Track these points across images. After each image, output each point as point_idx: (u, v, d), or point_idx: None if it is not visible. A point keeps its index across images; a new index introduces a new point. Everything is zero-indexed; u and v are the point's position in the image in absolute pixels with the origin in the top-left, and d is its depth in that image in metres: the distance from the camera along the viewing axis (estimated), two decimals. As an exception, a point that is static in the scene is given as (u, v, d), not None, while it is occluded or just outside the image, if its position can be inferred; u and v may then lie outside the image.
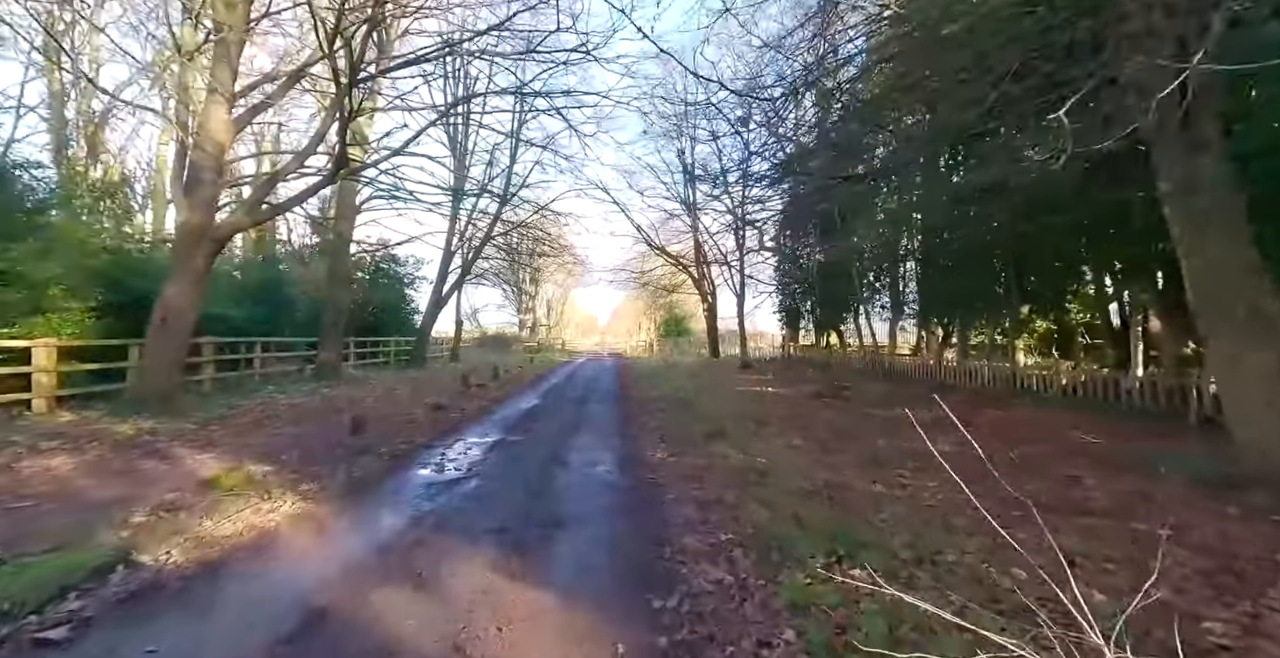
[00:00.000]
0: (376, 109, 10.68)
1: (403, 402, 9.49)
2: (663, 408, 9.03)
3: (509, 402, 10.13)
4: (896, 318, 13.27)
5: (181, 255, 6.91)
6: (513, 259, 23.26)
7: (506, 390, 11.99)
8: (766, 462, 5.05)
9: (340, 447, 5.78)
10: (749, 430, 6.73)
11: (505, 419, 8.04)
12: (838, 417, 7.61)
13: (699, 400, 9.73)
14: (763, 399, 9.84)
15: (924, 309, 11.47)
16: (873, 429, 6.72)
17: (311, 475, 4.59)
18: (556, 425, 7.51)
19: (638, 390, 11.99)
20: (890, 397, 9.35)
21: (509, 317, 40.68)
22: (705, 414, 8.08)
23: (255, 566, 2.88)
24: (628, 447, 6.12)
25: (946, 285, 10.54)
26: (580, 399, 10.52)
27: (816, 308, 16.45)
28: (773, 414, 7.93)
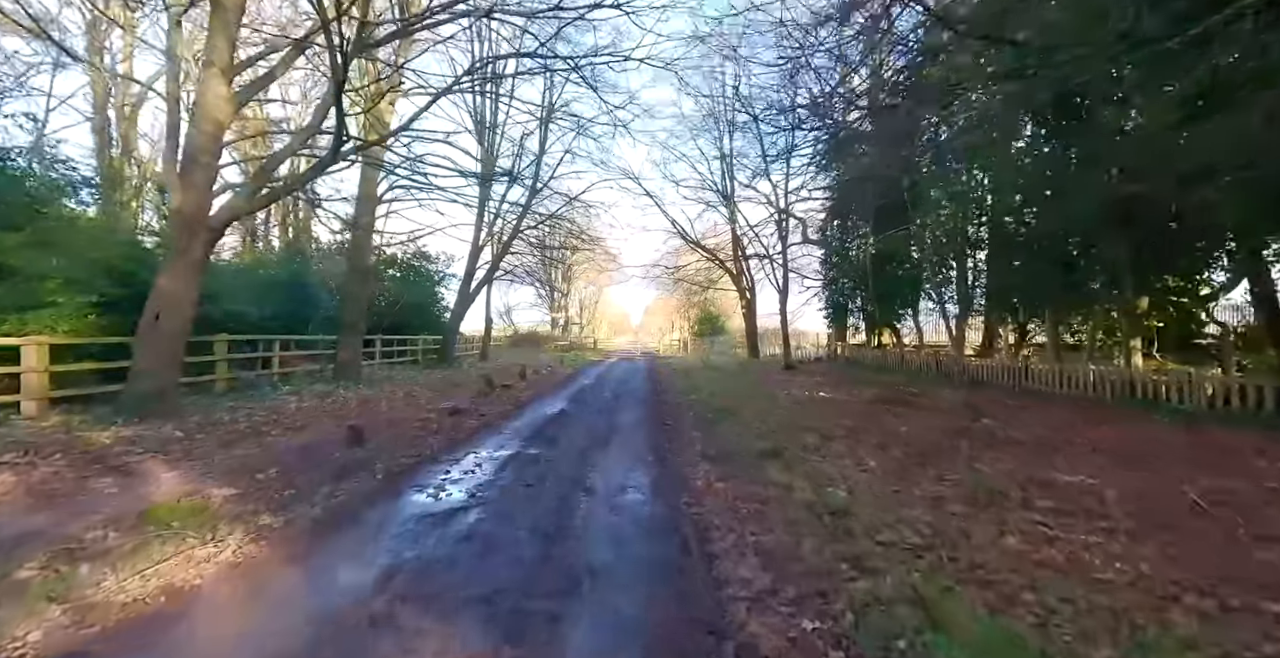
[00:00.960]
0: (394, 90, 10.01)
1: (420, 405, 8.78)
2: (703, 416, 8.00)
3: (533, 406, 9.30)
4: (965, 314, 11.79)
5: (176, 244, 6.31)
6: (543, 254, 22.59)
7: (532, 393, 11.19)
8: (842, 493, 3.97)
9: (333, 461, 5.01)
10: (809, 447, 5.62)
11: (527, 427, 7.18)
12: (912, 430, 6.41)
13: (743, 407, 8.64)
14: (816, 406, 8.67)
15: (999, 303, 10.01)
16: (963, 446, 5.50)
17: (281, 503, 3.79)
18: (583, 436, 6.58)
19: (673, 394, 10.98)
20: (968, 404, 8.03)
21: (541, 315, 40.33)
22: (753, 425, 7.00)
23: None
24: (664, 466, 5.13)
25: (1031, 276, 9.11)
26: (611, 404, 9.59)
27: (869, 304, 15.04)
28: (833, 426, 6.79)
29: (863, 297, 16.37)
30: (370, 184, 11.00)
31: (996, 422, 6.62)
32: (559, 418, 7.99)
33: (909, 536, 3.11)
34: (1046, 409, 7.42)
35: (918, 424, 6.75)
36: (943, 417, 7.22)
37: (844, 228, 17.20)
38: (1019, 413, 7.22)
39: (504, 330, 37.69)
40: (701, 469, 4.95)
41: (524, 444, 6.09)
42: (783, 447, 5.61)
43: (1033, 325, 12.02)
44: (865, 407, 8.36)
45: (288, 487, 4.15)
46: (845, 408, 8.34)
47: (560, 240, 21.05)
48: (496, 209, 16.97)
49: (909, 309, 13.98)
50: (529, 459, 5.39)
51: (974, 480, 4.15)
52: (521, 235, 19.23)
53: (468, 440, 6.26)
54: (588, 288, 45.17)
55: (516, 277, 23.56)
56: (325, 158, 6.28)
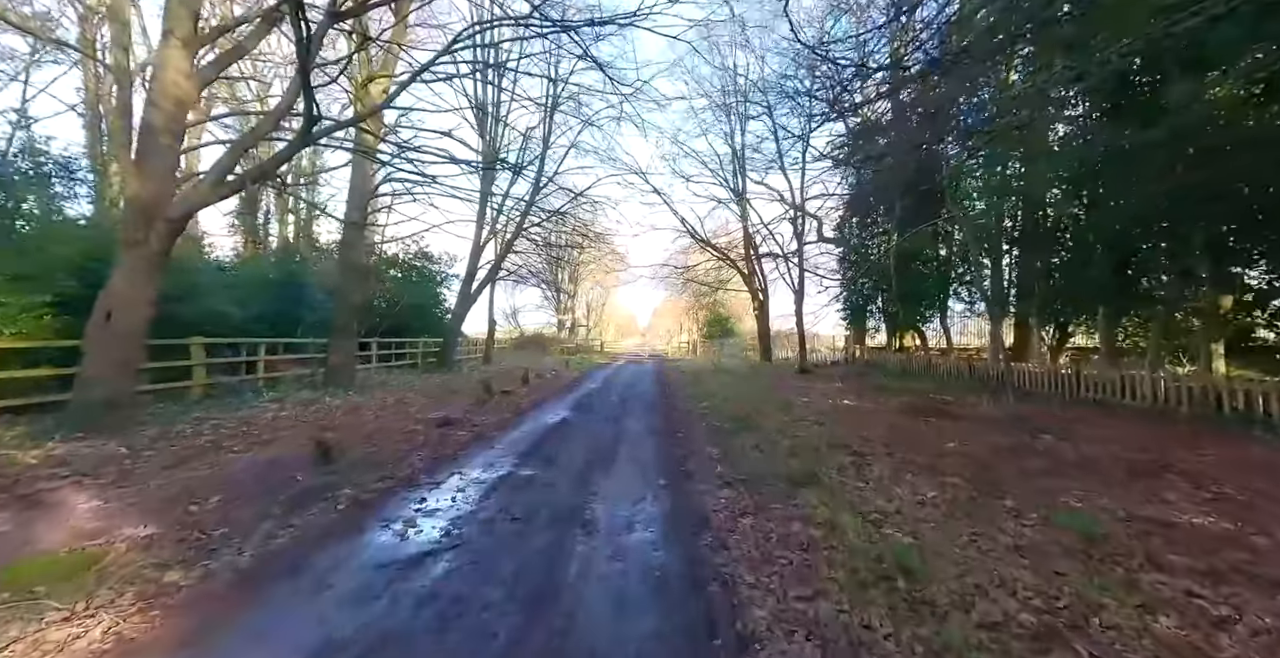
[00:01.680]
0: (385, 74, 9.33)
1: (409, 414, 8.06)
2: (720, 427, 7.20)
3: (533, 414, 8.55)
4: (1000, 314, 10.87)
5: (130, 236, 5.63)
6: (549, 253, 21.90)
7: (534, 399, 10.45)
8: (904, 538, 3.17)
9: (291, 486, 4.28)
10: (846, 469, 4.82)
11: (523, 441, 6.42)
12: (961, 447, 5.57)
13: (761, 417, 7.84)
14: (842, 417, 7.85)
15: (1041, 303, 9.11)
16: (1030, 469, 4.67)
17: (204, 548, 3.06)
18: (585, 452, 5.81)
19: (685, 401, 10.19)
20: (1017, 416, 7.17)
21: (548, 317, 39.69)
22: (775, 439, 6.20)
23: None
24: (678, 493, 4.35)
25: (1081, 273, 8.25)
26: (617, 412, 8.82)
27: (891, 305, 14.17)
28: (867, 441, 5.97)
29: (884, 297, 15.50)
30: (362, 176, 10.32)
31: (1058, 438, 5.77)
32: (560, 429, 7.22)
33: (1018, 612, 2.30)
34: (1111, 423, 6.55)
35: (965, 440, 5.90)
36: (991, 431, 6.37)
37: (863, 225, 16.34)
38: (1080, 427, 6.35)
39: (509, 333, 37.09)
40: (723, 498, 4.16)
41: (518, 463, 5.33)
42: (815, 468, 4.81)
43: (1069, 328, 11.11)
44: (897, 418, 7.52)
45: (222, 523, 3.41)
46: (875, 419, 7.51)
47: (566, 238, 20.33)
48: (499, 205, 16.29)
49: (935, 310, 13.11)
50: (521, 483, 4.63)
51: (1070, 521, 3.33)
52: (525, 234, 18.54)
53: (455, 458, 5.51)
54: (594, 289, 44.52)
55: (521, 277, 22.88)
56: (295, 140, 5.60)
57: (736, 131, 20.15)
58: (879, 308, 16.03)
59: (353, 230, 10.38)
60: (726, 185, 20.63)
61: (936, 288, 12.62)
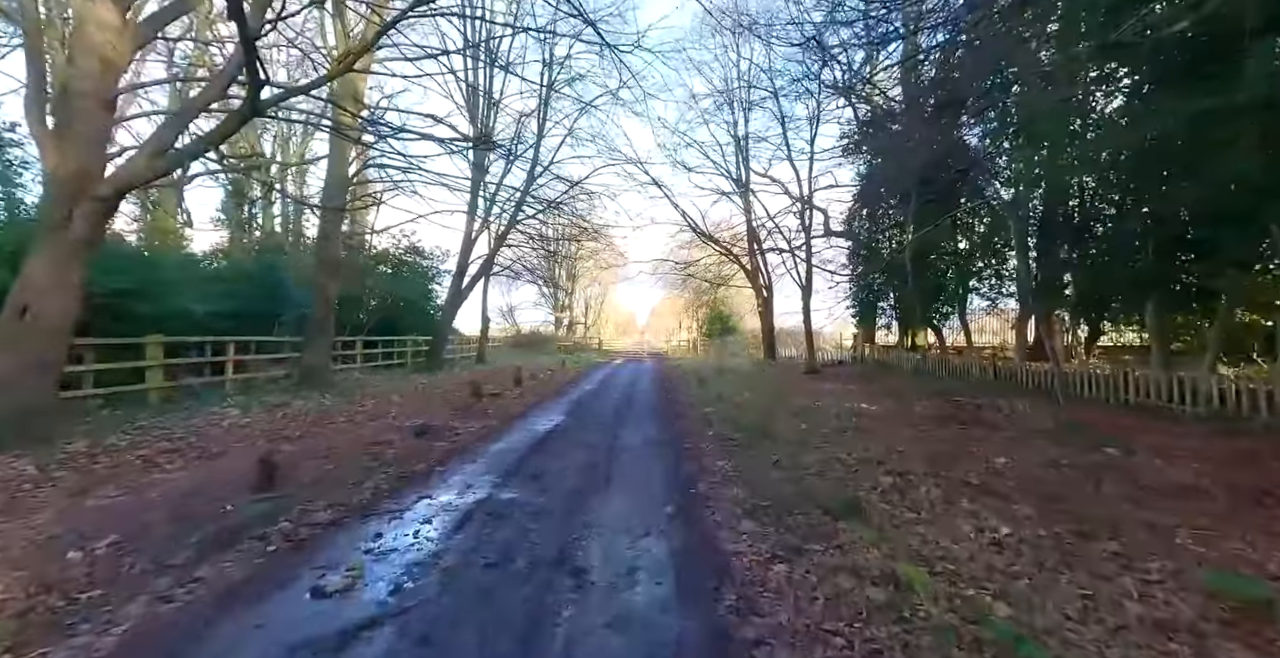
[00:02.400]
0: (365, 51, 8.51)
1: (385, 421, 7.28)
2: (728, 436, 6.44)
3: (523, 421, 7.78)
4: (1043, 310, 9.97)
5: (50, 218, 4.83)
6: (545, 247, 21.08)
7: (526, 402, 9.68)
8: (994, 602, 2.40)
9: (217, 518, 3.50)
10: (891, 492, 4.05)
11: (509, 454, 5.64)
12: (1016, 463, 4.81)
13: (775, 424, 7.09)
14: (866, 424, 7.09)
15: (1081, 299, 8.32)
16: (1112, 496, 3.90)
17: (62, 622, 2.28)
18: (578, 469, 5.04)
19: (689, 405, 9.42)
20: (1066, 424, 6.41)
21: (545, 315, 38.90)
22: (800, 452, 5.44)
23: None
24: (691, 526, 3.58)
25: (1124, 266, 7.50)
26: (616, 418, 8.05)
27: (905, 301, 13.40)
28: (904, 454, 5.20)
29: (896, 293, 14.73)
30: (340, 160, 9.51)
31: (1125, 452, 5.01)
32: (551, 439, 6.44)
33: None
34: (1177, 433, 5.79)
35: (1014, 453, 5.14)
36: (1042, 442, 5.60)
37: (874, 217, 15.55)
38: (1143, 437, 5.60)
39: (506, 331, 36.31)
40: (745, 533, 3.39)
41: (498, 484, 4.55)
42: (851, 491, 4.04)
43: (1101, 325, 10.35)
44: (928, 426, 6.75)
45: (101, 580, 2.63)
46: (902, 427, 6.74)
47: (562, 231, 19.50)
48: (492, 196, 15.47)
49: (953, 306, 12.37)
50: (499, 511, 3.85)
51: (1218, 583, 2.55)
52: (519, 227, 17.73)
53: (427, 477, 4.74)
54: (593, 287, 43.71)
55: (515, 273, 22.08)
56: (242, 108, 4.80)
57: (740, 121, 19.38)
58: (891, 305, 15.27)
59: (330, 219, 9.59)
60: (729, 177, 19.85)
61: (956, 283, 11.87)
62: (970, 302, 12.24)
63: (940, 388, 10.09)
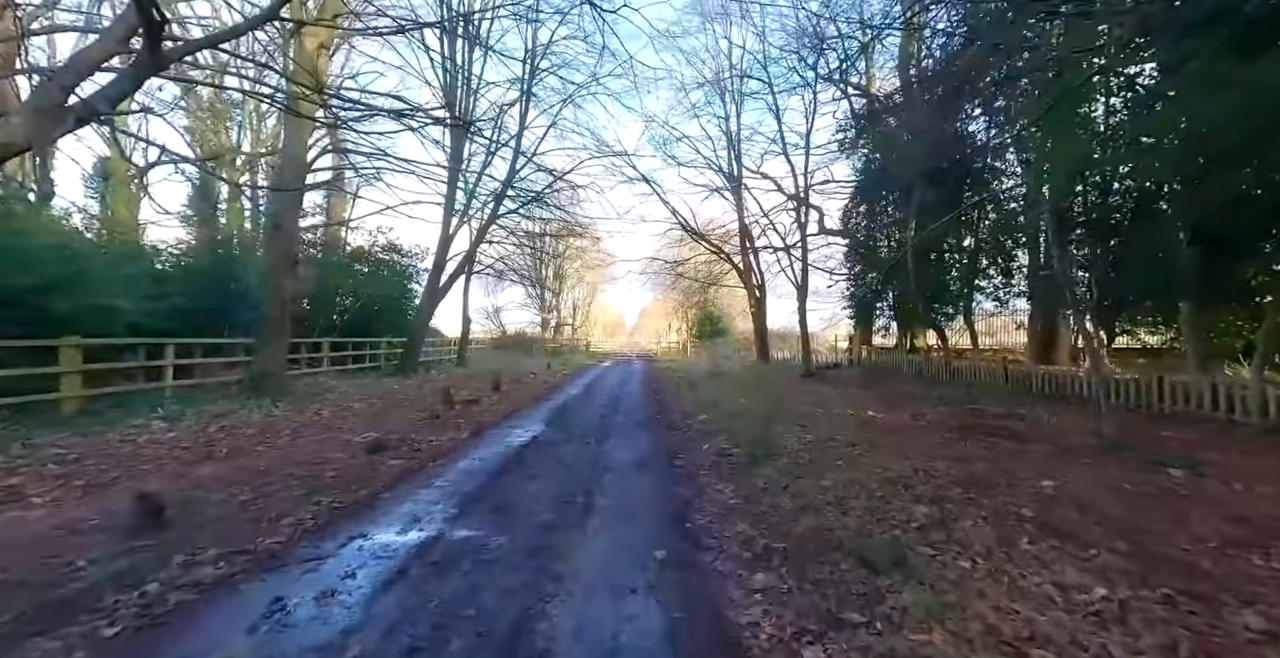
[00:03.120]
0: (324, 22, 7.65)
1: (338, 435, 6.40)
2: (731, 452, 5.67)
3: (497, 432, 6.96)
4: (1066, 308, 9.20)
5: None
6: (529, 244, 20.24)
7: (503, 410, 8.85)
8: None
9: (55, 583, 2.65)
10: (933, 529, 3.30)
11: (473, 475, 4.82)
12: (1065, 486, 4.10)
13: (781, 435, 6.35)
14: (881, 436, 6.36)
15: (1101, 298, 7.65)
16: (1208, 535, 3.18)
17: None
18: (553, 495, 4.24)
19: (681, 413, 8.66)
20: (1102, 436, 5.74)
21: (532, 316, 37.90)
22: (813, 471, 4.69)
23: None
24: (690, 579, 2.80)
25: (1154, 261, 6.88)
26: (600, 429, 7.25)
27: (905, 301, 12.77)
28: (934, 476, 4.47)
29: (895, 292, 14.09)
30: (296, 143, 8.60)
31: (1192, 472, 4.32)
32: (526, 456, 5.63)
33: None
34: (1241, 448, 5.13)
35: (1063, 474, 4.42)
36: (1087, 459, 4.90)
37: (872, 214, 14.95)
38: (1204, 452, 4.93)
39: (490, 332, 35.30)
40: (758, 592, 2.62)
41: (453, 517, 3.73)
42: (886, 529, 3.29)
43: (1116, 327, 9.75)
44: (950, 439, 6.04)
45: None
46: (921, 440, 6.02)
47: (544, 227, 18.63)
48: (471, 188, 14.58)
49: (957, 306, 11.76)
50: (447, 558, 3.04)
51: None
52: (502, 222, 16.88)
53: (366, 508, 3.90)
54: (580, 286, 42.83)
55: (496, 271, 21.18)
56: (140, 58, 3.96)
57: (731, 115, 18.70)
58: (889, 305, 14.64)
59: (285, 208, 8.68)
60: (721, 172, 19.16)
61: (961, 282, 11.26)
62: (975, 301, 11.63)
63: (949, 393, 9.43)
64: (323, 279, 15.07)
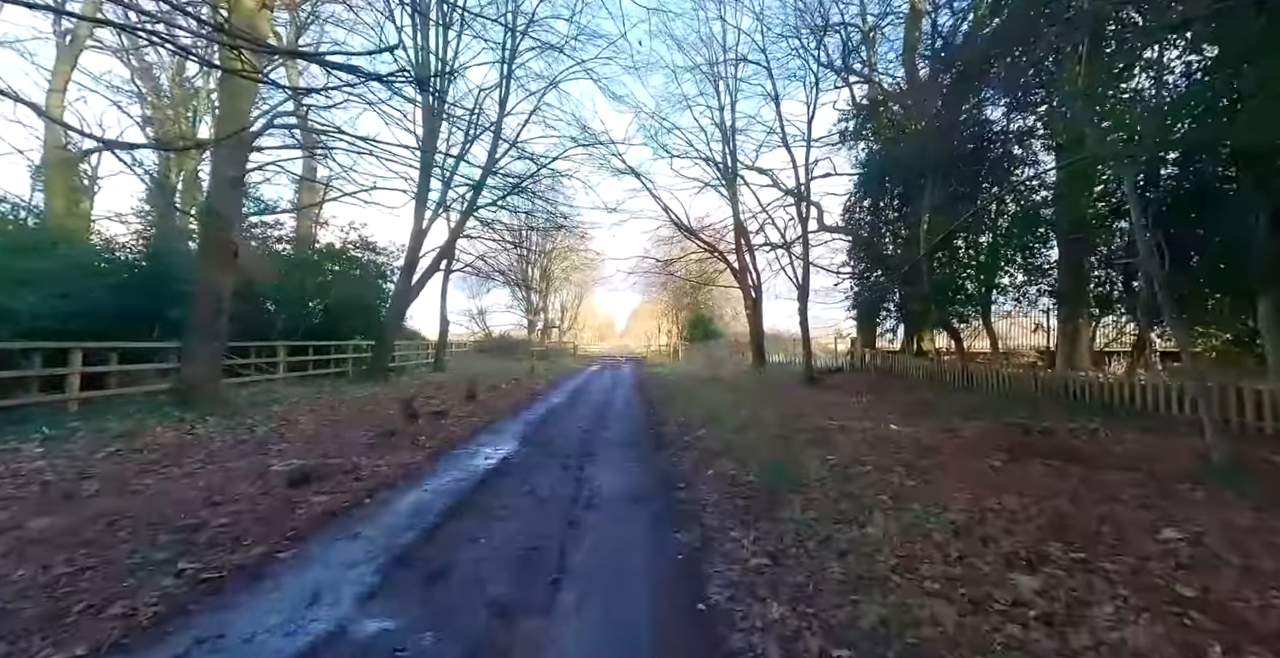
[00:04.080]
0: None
1: (256, 460, 5.23)
2: (742, 481, 4.62)
3: (462, 452, 5.85)
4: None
5: None
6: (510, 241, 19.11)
7: (473, 423, 7.73)
8: None
9: None
10: (1063, 621, 2.26)
11: (412, 521, 3.71)
12: (1206, 539, 3.10)
13: (799, 457, 5.33)
14: (917, 458, 5.35)
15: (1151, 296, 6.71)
16: None
17: None
18: (513, 556, 3.14)
19: (677, 426, 7.59)
20: (1207, 461, 4.78)
21: (518, 318, 36.66)
22: (853, 515, 3.65)
23: None
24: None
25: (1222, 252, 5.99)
26: (583, 448, 6.17)
27: (919, 300, 11.85)
28: (1011, 521, 3.46)
29: (901, 292, 13.16)
30: (236, 112, 7.41)
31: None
32: (490, 488, 4.53)
33: None
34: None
35: (1182, 517, 3.43)
36: (1200, 494, 3.91)
37: (877, 209, 14.03)
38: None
39: (475, 335, 34.03)
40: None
41: (366, 598, 2.62)
42: (996, 629, 2.25)
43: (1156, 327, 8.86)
44: (1000, 461, 5.03)
45: None
46: (969, 464, 5.02)
47: (528, 220, 17.50)
48: (446, 176, 13.40)
49: (974, 307, 10.87)
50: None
51: None
52: (482, 217, 15.74)
53: (245, 583, 2.78)
54: (567, 286, 41.70)
55: (478, 271, 20.01)
56: None
57: (726, 105, 17.76)
58: (896, 305, 13.72)
59: (222, 192, 7.50)
60: (715, 165, 18.20)
61: (981, 279, 10.34)
62: (994, 301, 10.71)
63: (973, 403, 8.46)
64: (287, 277, 13.83)
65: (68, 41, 12.67)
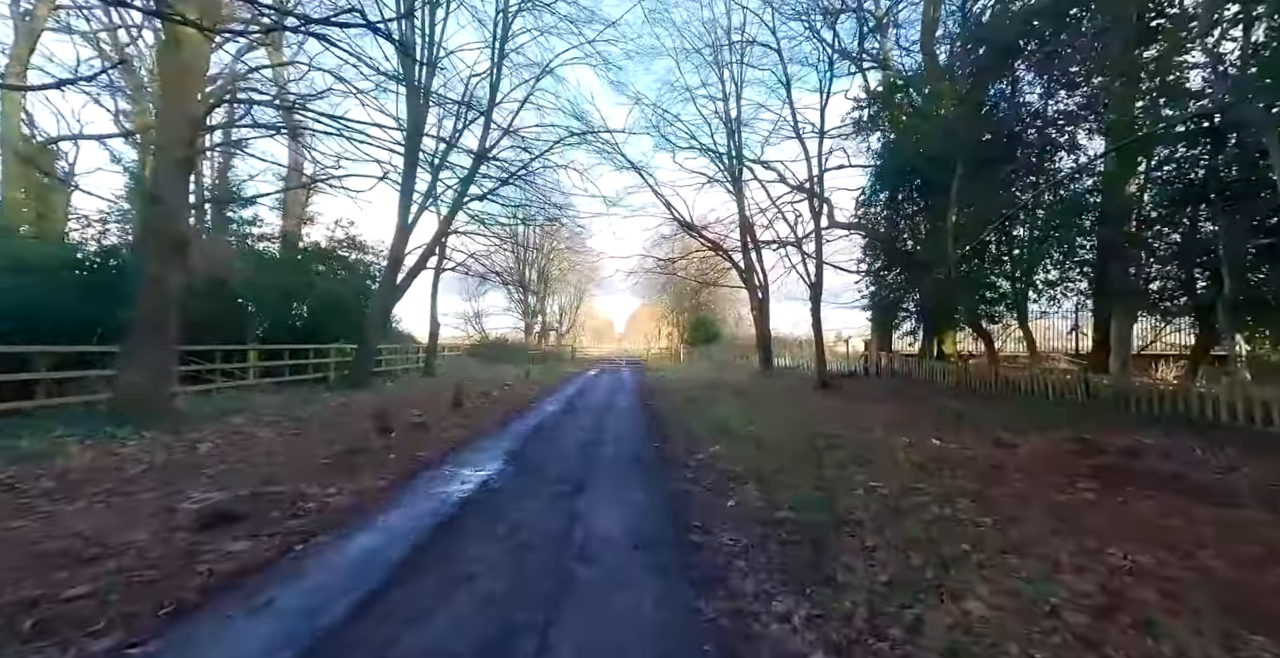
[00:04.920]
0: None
1: (178, 492, 4.30)
2: (775, 519, 3.70)
3: (434, 475, 4.92)
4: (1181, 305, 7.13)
5: None
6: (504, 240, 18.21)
7: (453, 438, 6.80)
8: None
9: None
10: None
11: (353, 580, 2.78)
12: None
13: (834, 481, 4.42)
14: (976, 484, 4.44)
15: (1237, 293, 5.80)
16: None
17: None
18: (482, 640, 2.21)
19: (687, 439, 6.67)
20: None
21: (515, 321, 35.72)
22: (930, 579, 2.73)
23: None
24: None
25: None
26: (579, 468, 5.24)
27: (944, 299, 10.95)
28: (1168, 595, 2.54)
29: (919, 291, 12.26)
30: (180, 81, 6.49)
31: None
32: (456, 531, 3.59)
33: None
34: None
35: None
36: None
37: (894, 203, 13.14)
38: None
39: (470, 338, 33.08)
40: None
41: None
42: None
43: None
44: (1091, 491, 4.11)
45: None
46: (1049, 495, 4.10)
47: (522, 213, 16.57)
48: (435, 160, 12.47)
49: (1008, 306, 9.98)
50: None
51: None
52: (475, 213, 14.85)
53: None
54: (565, 289, 40.79)
55: (467, 269, 19.06)
56: None
57: (731, 97, 16.91)
58: (916, 305, 12.81)
59: (167, 174, 6.59)
60: (718, 159, 17.33)
61: (1017, 276, 9.44)
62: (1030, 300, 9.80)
63: (1016, 412, 7.55)
64: (267, 276, 12.91)
65: (27, 21, 11.79)
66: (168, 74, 6.53)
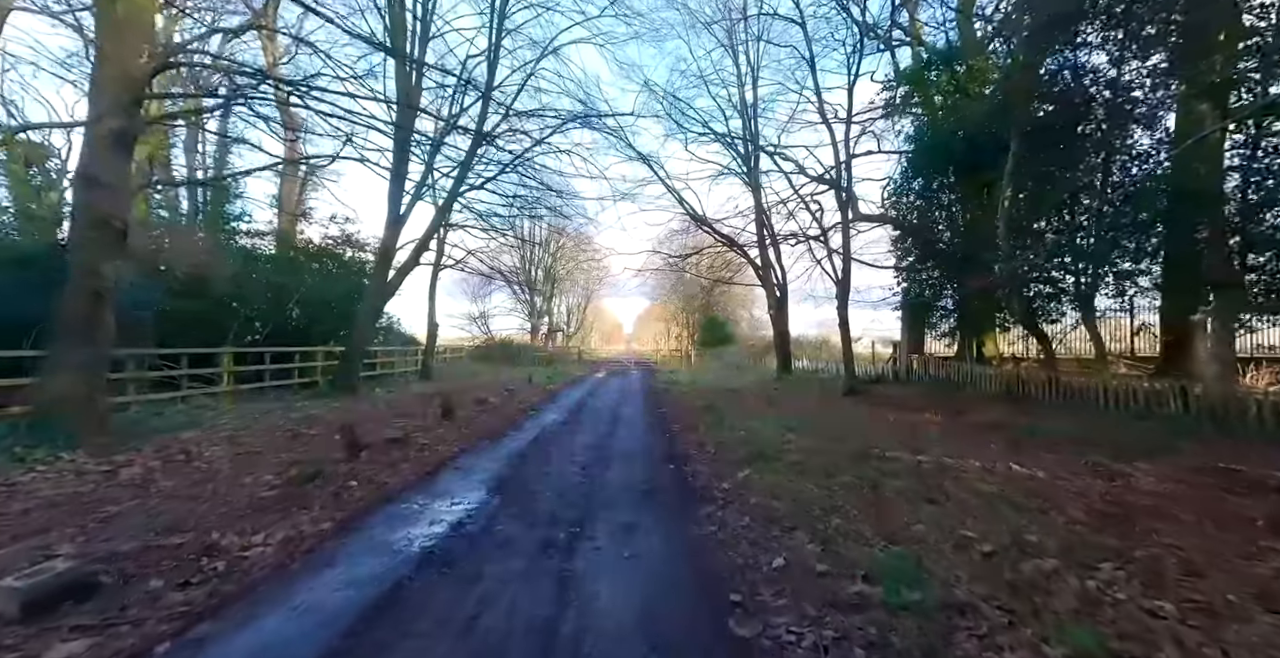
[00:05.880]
0: None
1: (25, 553, 3.30)
2: (848, 597, 2.61)
3: (396, 513, 3.88)
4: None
5: None
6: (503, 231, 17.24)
7: (434, 457, 5.78)
8: None
9: None
10: None
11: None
12: None
13: (910, 529, 3.35)
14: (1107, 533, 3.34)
15: None
16: None
17: None
18: None
19: (710, 462, 5.59)
20: None
21: (521, 322, 34.80)
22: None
23: None
24: None
25: None
26: (580, 504, 4.18)
27: (991, 296, 9.77)
28: None
29: (962, 287, 11.07)
30: (118, 45, 5.56)
31: None
32: (402, 619, 2.52)
33: None
34: None
35: None
36: None
37: (929, 191, 11.98)
38: None
39: (475, 339, 32.19)
40: None
41: None
42: None
43: None
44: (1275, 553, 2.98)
45: None
46: (1222, 551, 2.98)
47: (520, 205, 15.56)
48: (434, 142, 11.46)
49: (1070, 302, 8.79)
50: None
51: None
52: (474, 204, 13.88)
53: None
54: (573, 289, 39.86)
55: (468, 266, 18.13)
56: None
57: (747, 82, 15.84)
58: (954, 303, 11.63)
59: (101, 150, 5.64)
60: (734, 148, 16.25)
61: (1081, 268, 8.24)
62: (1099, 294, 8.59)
63: (1093, 427, 6.38)
64: (252, 275, 12.03)
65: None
66: (104, 27, 5.59)
